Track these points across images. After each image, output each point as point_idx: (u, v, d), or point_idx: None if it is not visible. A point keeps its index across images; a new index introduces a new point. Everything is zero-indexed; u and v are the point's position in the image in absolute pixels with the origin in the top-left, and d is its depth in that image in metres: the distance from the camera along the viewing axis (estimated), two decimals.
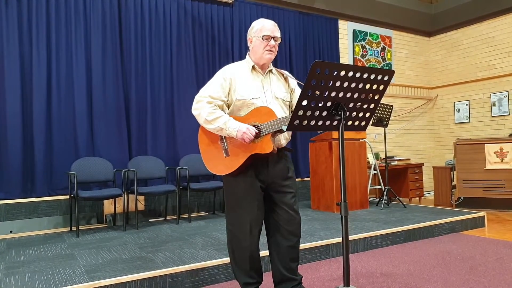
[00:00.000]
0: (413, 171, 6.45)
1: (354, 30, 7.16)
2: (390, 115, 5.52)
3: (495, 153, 5.61)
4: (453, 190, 6.14)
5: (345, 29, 7.07)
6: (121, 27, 5.02)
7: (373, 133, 7.09)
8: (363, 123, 2.00)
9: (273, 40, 2.21)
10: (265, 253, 2.52)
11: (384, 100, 6.25)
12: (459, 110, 7.74)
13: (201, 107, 2.17)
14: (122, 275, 2.62)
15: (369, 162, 6.02)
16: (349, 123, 1.95)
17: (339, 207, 1.85)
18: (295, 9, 6.41)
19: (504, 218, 5.17)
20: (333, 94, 1.80)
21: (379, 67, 6.17)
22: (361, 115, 1.96)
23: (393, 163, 6.33)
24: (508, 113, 7.02)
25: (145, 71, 5.11)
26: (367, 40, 7.31)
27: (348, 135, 5.04)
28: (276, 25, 2.26)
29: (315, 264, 3.24)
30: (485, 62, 7.33)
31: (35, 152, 4.43)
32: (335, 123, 1.90)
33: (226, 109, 2.24)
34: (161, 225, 4.52)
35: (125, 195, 4.56)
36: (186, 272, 2.75)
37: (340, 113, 1.84)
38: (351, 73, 1.78)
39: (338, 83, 1.78)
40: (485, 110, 7.34)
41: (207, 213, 5.30)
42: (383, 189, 5.49)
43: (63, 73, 4.65)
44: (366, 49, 7.29)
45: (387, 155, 6.57)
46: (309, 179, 5.77)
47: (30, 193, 4.44)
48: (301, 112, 1.79)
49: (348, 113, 1.89)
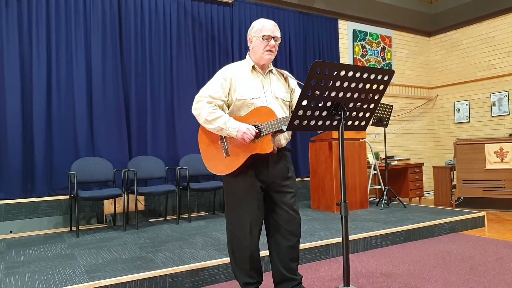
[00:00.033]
0: (413, 171, 6.45)
1: (354, 30, 7.15)
2: (390, 115, 5.52)
3: (495, 153, 5.61)
4: (453, 190, 6.14)
5: (345, 29, 7.07)
6: (121, 27, 5.02)
7: (373, 133, 7.09)
8: (363, 123, 2.00)
9: (273, 40, 2.21)
10: (265, 253, 2.52)
11: (384, 100, 6.25)
12: (459, 110, 7.74)
13: (201, 107, 2.17)
14: (122, 275, 2.62)
15: (369, 162, 6.02)
16: (349, 123, 1.95)
17: (339, 207, 1.85)
18: (295, 9, 6.41)
19: (504, 218, 5.17)
20: (333, 94, 1.80)
21: (379, 67, 6.18)
22: (361, 115, 1.96)
23: (393, 163, 6.33)
24: (508, 113, 7.02)
25: (145, 71, 5.11)
26: (367, 40, 7.31)
27: (348, 135, 5.04)
28: (276, 25, 2.26)
29: (315, 264, 3.24)
30: (485, 62, 7.33)
31: (35, 152, 4.44)
32: (335, 123, 1.90)
33: (226, 109, 2.24)
34: (161, 225, 4.52)
35: (125, 195, 4.56)
36: (186, 272, 2.75)
37: (340, 113, 1.85)
38: (351, 73, 1.78)
39: (338, 83, 1.78)
40: (485, 110, 7.34)
41: (207, 213, 5.30)
42: (383, 189, 5.49)
43: (63, 73, 4.65)
44: (366, 49, 7.29)
45: (387, 155, 6.57)
46: (309, 179, 5.77)
47: (30, 193, 4.44)
48: (301, 112, 1.79)
49: (348, 113, 1.89)
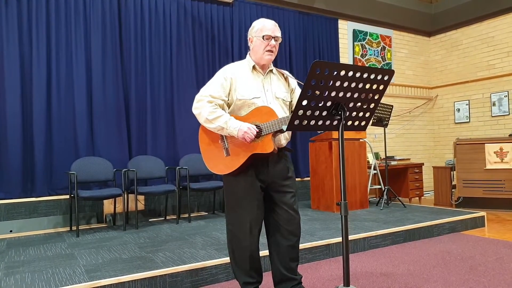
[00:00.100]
0: (413, 171, 6.45)
1: (354, 30, 7.16)
2: (390, 115, 5.52)
3: (495, 153, 5.61)
4: (453, 190, 6.14)
5: (345, 29, 7.07)
6: (121, 27, 5.02)
7: (373, 133, 7.09)
8: (363, 123, 2.00)
9: (273, 40, 2.21)
10: (265, 253, 2.52)
11: (384, 100, 6.25)
12: (459, 110, 7.74)
13: (202, 106, 2.17)
14: (122, 274, 2.62)
15: (369, 162, 6.02)
16: (349, 123, 1.95)
17: (339, 207, 1.85)
18: (295, 9, 6.41)
19: (504, 218, 5.17)
20: (333, 94, 1.80)
21: (379, 67, 6.19)
22: (361, 115, 1.96)
23: (393, 163, 6.33)
24: (508, 113, 7.02)
25: (145, 71, 5.11)
26: (367, 40, 7.31)
27: (348, 135, 5.04)
28: (276, 25, 2.26)
29: (315, 264, 3.24)
30: (485, 62, 7.34)
31: (35, 152, 4.44)
32: (335, 123, 1.90)
33: (226, 108, 2.24)
34: (161, 225, 4.52)
35: (125, 195, 4.56)
36: (186, 272, 2.75)
37: (340, 113, 1.85)
38: (351, 73, 1.78)
39: (338, 83, 1.78)
40: (485, 110, 7.34)
41: (207, 213, 5.30)
42: (383, 189, 5.50)
43: (63, 73, 4.65)
44: (366, 49, 7.29)
45: (387, 155, 6.57)
46: (309, 179, 5.77)
47: (30, 193, 4.44)
48: (301, 112, 1.79)
49: (348, 113, 1.89)
